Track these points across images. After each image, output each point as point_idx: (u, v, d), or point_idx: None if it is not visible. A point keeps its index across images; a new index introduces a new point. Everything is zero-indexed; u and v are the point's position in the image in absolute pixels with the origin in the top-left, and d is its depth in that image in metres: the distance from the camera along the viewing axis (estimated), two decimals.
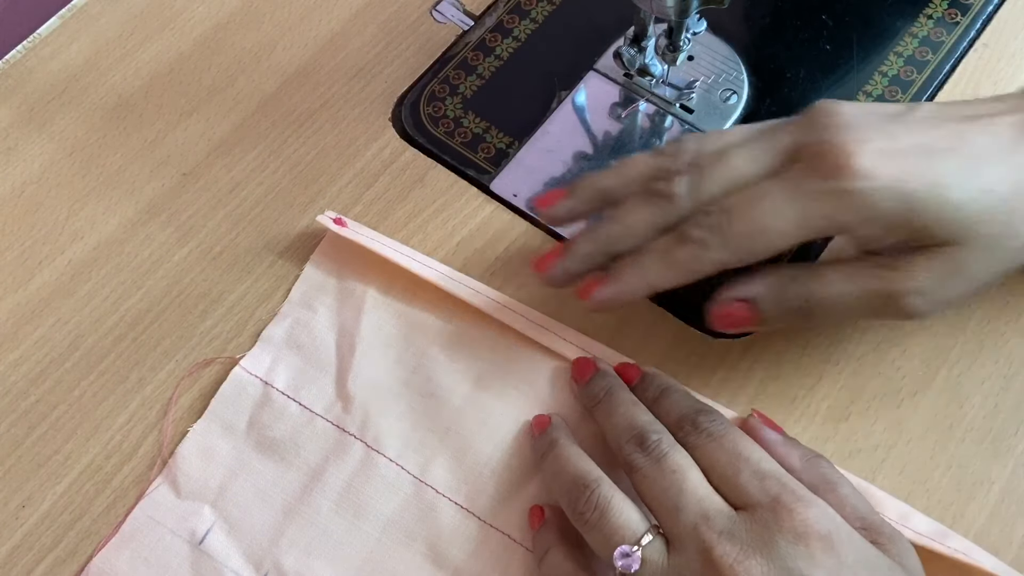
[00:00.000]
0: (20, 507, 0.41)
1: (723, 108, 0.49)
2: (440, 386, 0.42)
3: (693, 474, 0.35)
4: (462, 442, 0.41)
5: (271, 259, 0.47)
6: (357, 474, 0.41)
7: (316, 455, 0.41)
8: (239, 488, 0.41)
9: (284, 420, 0.42)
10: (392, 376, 0.42)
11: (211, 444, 0.42)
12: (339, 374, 0.43)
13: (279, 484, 0.41)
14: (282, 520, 0.40)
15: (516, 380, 0.42)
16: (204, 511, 0.41)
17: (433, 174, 0.49)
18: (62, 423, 0.43)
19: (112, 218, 0.48)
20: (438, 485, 0.40)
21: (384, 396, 0.42)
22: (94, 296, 0.46)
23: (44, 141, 0.51)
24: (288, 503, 0.40)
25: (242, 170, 0.49)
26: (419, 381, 0.42)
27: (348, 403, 0.42)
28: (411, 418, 0.41)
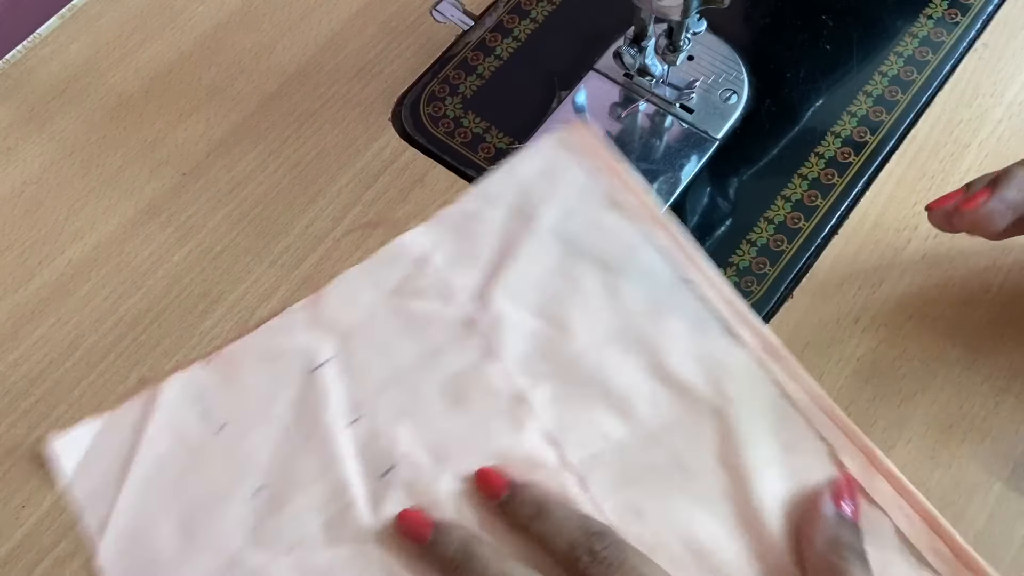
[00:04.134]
0: (20, 507, 0.41)
1: (723, 108, 0.49)
2: (572, 322, 0.43)
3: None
4: (571, 384, 0.41)
5: (271, 259, 0.47)
6: (469, 369, 0.42)
7: (440, 336, 0.43)
8: (365, 337, 0.43)
9: (425, 296, 0.44)
10: (533, 296, 0.43)
11: (356, 290, 0.44)
12: (490, 275, 0.44)
13: (400, 348, 0.43)
14: (390, 380, 0.42)
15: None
16: (327, 344, 0.43)
17: (433, 174, 0.49)
18: (62, 423, 0.43)
19: (112, 218, 0.48)
20: (535, 406, 0.41)
21: (520, 310, 0.43)
22: (94, 296, 0.46)
23: (44, 141, 0.51)
24: (401, 367, 0.42)
25: (242, 170, 0.49)
26: (555, 309, 0.43)
27: (487, 304, 0.43)
28: (535, 341, 0.42)
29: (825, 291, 0.44)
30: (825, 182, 0.47)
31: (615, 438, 0.40)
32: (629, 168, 0.46)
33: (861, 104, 0.49)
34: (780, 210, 0.46)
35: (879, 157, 0.47)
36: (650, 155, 0.48)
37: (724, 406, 0.40)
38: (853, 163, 0.47)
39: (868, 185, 0.47)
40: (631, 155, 0.48)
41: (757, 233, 0.46)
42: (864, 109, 0.48)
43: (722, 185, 0.48)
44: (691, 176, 0.48)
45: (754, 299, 0.44)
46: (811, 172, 0.47)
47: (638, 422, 0.40)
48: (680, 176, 0.48)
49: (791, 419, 0.40)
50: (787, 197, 0.46)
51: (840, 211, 0.46)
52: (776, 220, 0.46)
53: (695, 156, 0.48)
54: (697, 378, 0.41)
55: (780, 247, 0.45)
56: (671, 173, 0.48)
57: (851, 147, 0.48)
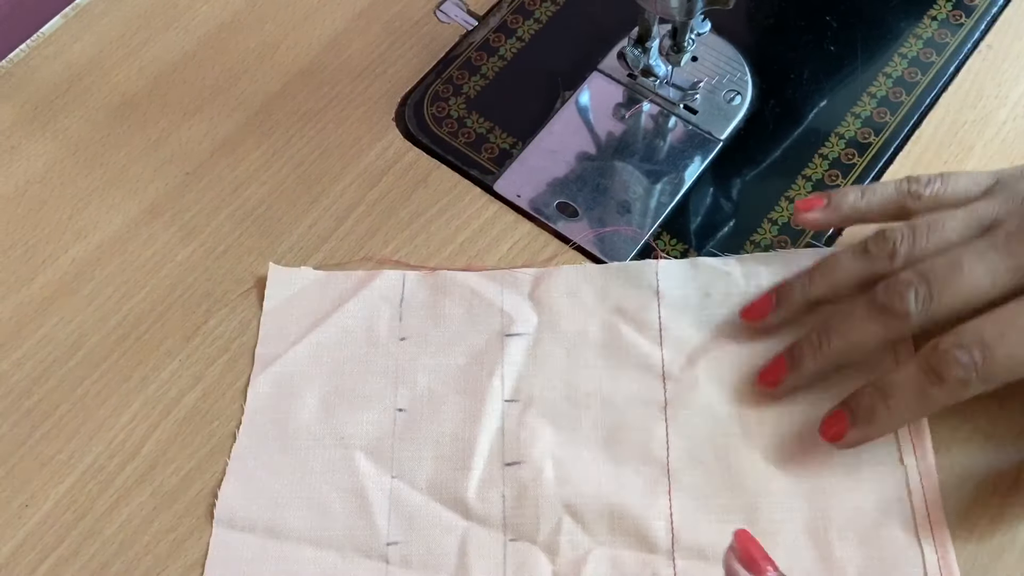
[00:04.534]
0: (23, 506, 0.41)
1: (727, 109, 0.49)
2: (753, 437, 0.41)
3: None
4: (721, 494, 0.39)
5: (274, 258, 0.47)
6: (636, 420, 0.41)
7: (630, 374, 0.42)
8: (564, 332, 0.43)
9: (641, 330, 0.43)
10: (727, 393, 0.41)
11: (583, 287, 0.44)
12: (709, 346, 0.42)
13: (586, 361, 0.42)
14: (561, 384, 0.42)
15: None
16: (530, 320, 0.43)
17: (436, 174, 0.49)
18: (65, 422, 0.43)
19: (115, 217, 0.48)
20: (676, 491, 0.39)
21: (715, 394, 0.41)
22: (97, 295, 0.46)
23: (47, 140, 0.51)
24: (576, 379, 0.42)
25: (245, 169, 0.49)
26: (744, 413, 0.41)
27: (689, 370, 0.42)
28: (708, 434, 0.40)
29: None
30: (829, 183, 0.47)
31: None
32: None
33: (865, 105, 0.49)
34: (784, 211, 0.46)
35: (883, 158, 0.47)
36: (653, 156, 0.48)
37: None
38: (857, 164, 0.47)
39: None
40: (634, 156, 0.48)
41: (761, 234, 0.46)
42: (868, 110, 0.48)
43: (726, 186, 0.47)
44: (695, 177, 0.48)
45: None
46: (815, 173, 0.47)
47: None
48: (684, 177, 0.48)
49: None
50: (791, 198, 0.46)
51: None
52: (780, 221, 0.46)
53: (699, 157, 0.48)
54: (848, 557, 0.38)
55: (784, 248, 0.45)
56: (675, 174, 0.48)
57: (855, 148, 0.48)
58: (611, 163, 0.48)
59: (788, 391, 0.40)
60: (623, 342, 0.42)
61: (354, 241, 0.47)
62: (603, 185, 0.48)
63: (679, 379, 0.41)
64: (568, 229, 0.46)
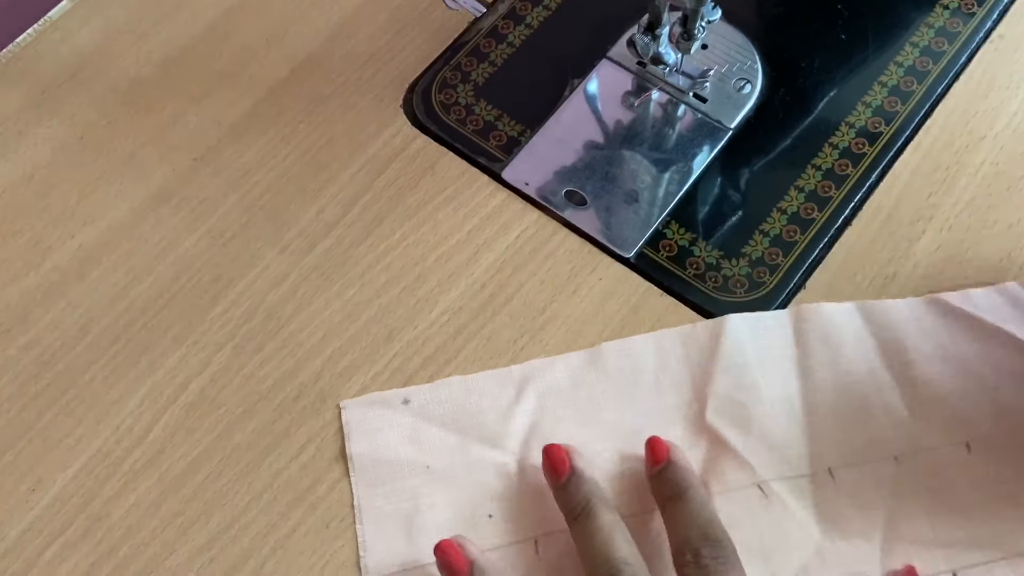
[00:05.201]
0: (30, 491, 0.42)
1: (737, 98, 0.49)
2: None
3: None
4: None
5: (282, 245, 0.47)
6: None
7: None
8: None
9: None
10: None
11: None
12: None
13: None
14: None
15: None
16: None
17: (444, 162, 0.48)
18: (72, 407, 0.43)
19: (123, 203, 0.48)
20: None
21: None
22: (104, 281, 0.46)
23: (55, 125, 0.51)
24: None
25: (253, 156, 0.49)
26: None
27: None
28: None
29: (838, 282, 0.44)
30: (839, 173, 0.46)
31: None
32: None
33: (876, 95, 0.48)
34: (793, 201, 0.46)
35: (893, 148, 0.47)
36: (662, 145, 0.48)
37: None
38: (867, 154, 0.47)
39: (882, 176, 0.46)
40: (643, 144, 0.48)
41: (770, 224, 0.45)
42: (879, 100, 0.48)
43: (735, 175, 0.47)
44: (703, 166, 0.47)
45: (766, 290, 0.44)
46: (825, 163, 0.47)
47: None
48: (692, 166, 0.47)
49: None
50: (800, 188, 0.46)
51: (854, 202, 0.46)
52: (789, 211, 0.46)
53: (708, 146, 0.48)
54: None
55: (793, 238, 0.45)
56: (683, 163, 0.47)
57: (865, 138, 0.47)
58: (619, 152, 0.48)
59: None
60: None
61: (361, 228, 0.47)
62: (611, 174, 0.47)
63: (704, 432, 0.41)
64: (576, 217, 0.46)
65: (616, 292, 0.44)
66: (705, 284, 0.44)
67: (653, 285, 0.45)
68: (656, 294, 0.44)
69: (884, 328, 0.42)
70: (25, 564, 0.40)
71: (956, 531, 0.38)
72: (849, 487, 0.39)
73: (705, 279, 0.44)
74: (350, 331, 0.44)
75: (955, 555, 0.38)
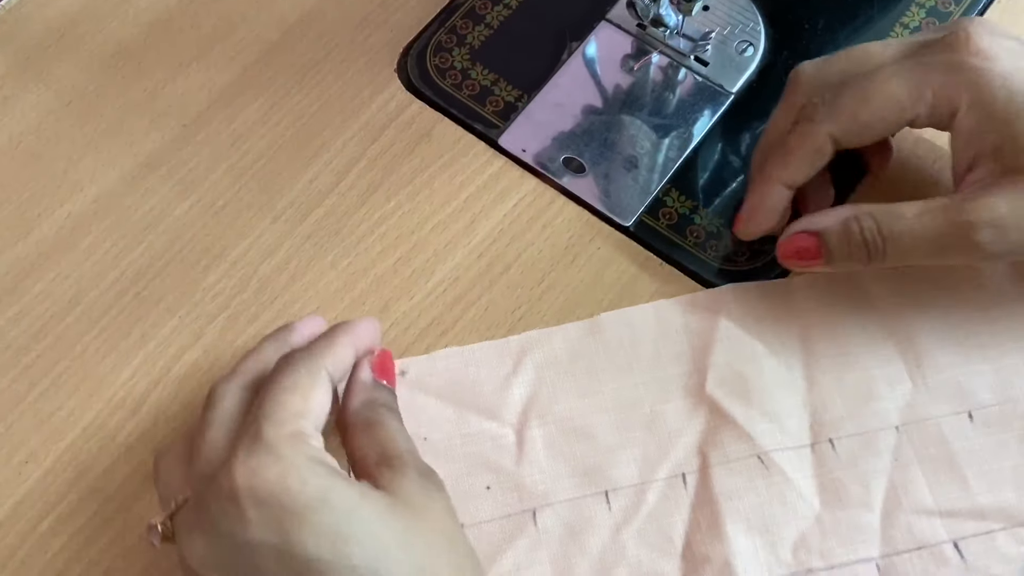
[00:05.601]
0: (23, 463, 0.41)
1: (739, 60, 0.48)
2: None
3: (209, 431, 0.33)
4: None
5: (274, 214, 0.46)
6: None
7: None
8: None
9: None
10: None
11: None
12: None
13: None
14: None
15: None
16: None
17: (440, 128, 0.47)
18: (64, 379, 0.43)
19: (111, 170, 0.47)
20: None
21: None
22: (95, 250, 0.46)
23: (41, 90, 0.50)
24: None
25: (244, 122, 0.48)
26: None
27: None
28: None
29: None
30: None
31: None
32: None
33: None
34: None
35: None
36: (662, 109, 0.47)
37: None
38: None
39: None
40: (643, 110, 0.47)
41: None
42: None
43: (736, 141, 0.46)
44: (704, 131, 0.46)
45: (768, 258, 0.43)
46: None
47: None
48: (693, 131, 0.46)
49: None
50: None
51: (858, 168, 0.45)
52: None
53: (709, 110, 0.47)
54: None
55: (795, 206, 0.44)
56: (684, 128, 0.47)
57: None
58: (619, 117, 0.47)
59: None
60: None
61: (356, 197, 0.46)
62: (610, 140, 0.47)
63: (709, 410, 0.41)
64: (574, 185, 0.45)
65: (615, 261, 0.44)
66: (706, 253, 0.44)
67: (652, 254, 0.44)
68: (656, 263, 0.44)
69: (883, 298, 0.41)
70: (19, 537, 0.40)
71: (957, 501, 0.38)
72: (850, 457, 0.39)
73: (706, 248, 0.44)
74: (345, 302, 0.44)
75: (956, 524, 0.38)
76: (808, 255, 0.38)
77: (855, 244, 0.37)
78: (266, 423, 0.31)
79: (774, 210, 0.40)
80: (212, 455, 0.32)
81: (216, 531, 0.30)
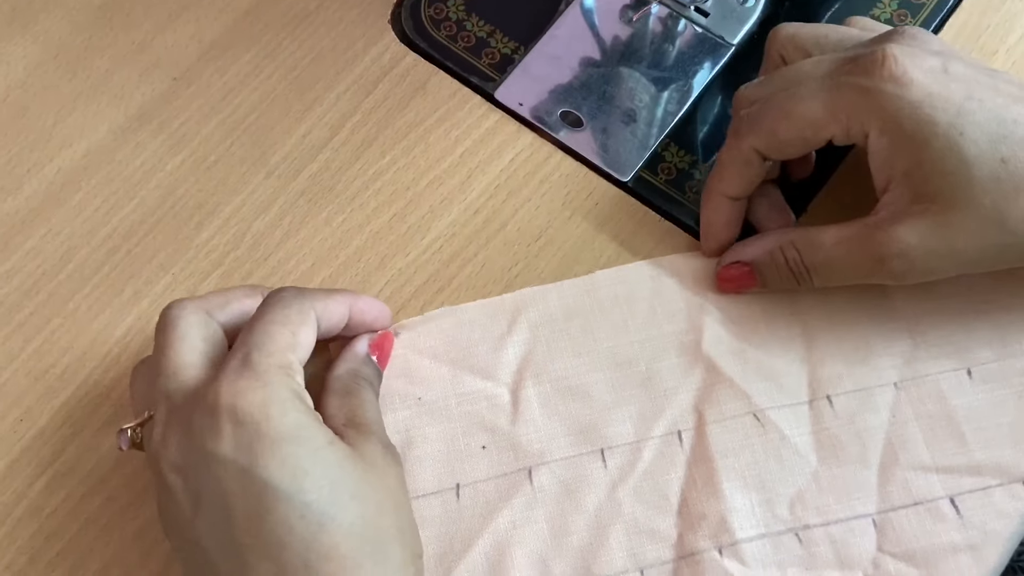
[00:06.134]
0: (18, 420, 0.41)
1: (740, 12, 0.47)
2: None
3: (173, 349, 0.34)
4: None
5: (267, 169, 0.45)
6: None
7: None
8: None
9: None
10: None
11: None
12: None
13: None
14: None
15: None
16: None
17: (435, 81, 0.47)
18: (58, 337, 0.42)
19: (101, 125, 0.47)
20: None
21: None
22: (86, 206, 0.45)
23: (27, 43, 0.49)
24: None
25: (235, 75, 0.47)
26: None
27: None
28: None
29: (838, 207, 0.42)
30: None
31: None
32: None
33: (884, 7, 0.46)
34: None
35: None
36: (662, 62, 0.46)
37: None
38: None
39: None
40: (642, 62, 0.46)
41: None
42: (888, 13, 0.46)
43: None
44: (704, 84, 0.46)
45: None
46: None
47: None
48: (692, 84, 0.46)
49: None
50: None
51: None
52: None
53: (709, 63, 0.46)
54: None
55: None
56: (683, 81, 0.46)
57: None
58: (617, 70, 0.46)
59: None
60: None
61: (350, 152, 0.45)
62: (608, 93, 0.46)
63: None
64: (572, 139, 0.45)
65: (613, 217, 0.43)
66: None
67: (651, 210, 0.43)
68: (654, 219, 0.43)
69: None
70: (15, 495, 0.40)
71: (954, 457, 0.38)
72: (847, 414, 0.39)
73: None
74: (340, 258, 0.43)
75: (953, 481, 0.38)
76: (744, 282, 0.40)
77: (783, 273, 0.38)
78: (255, 351, 0.33)
79: (728, 224, 0.40)
80: (184, 372, 0.33)
81: (188, 438, 0.32)
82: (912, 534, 0.37)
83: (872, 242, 0.36)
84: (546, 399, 0.39)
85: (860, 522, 0.37)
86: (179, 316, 0.35)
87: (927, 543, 0.37)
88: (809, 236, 0.38)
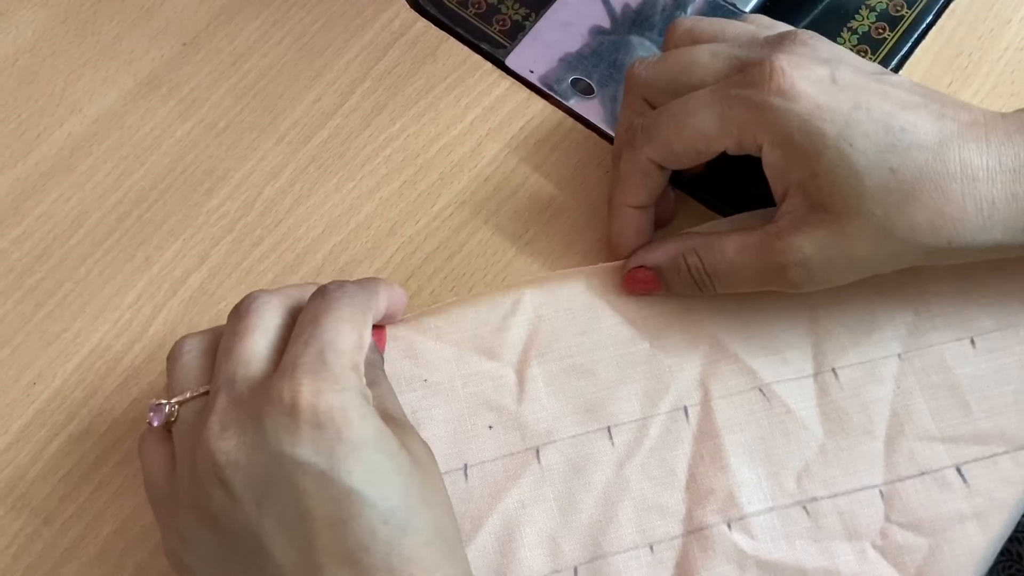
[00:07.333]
0: (31, 384, 0.41)
1: None
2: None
3: (252, 338, 0.33)
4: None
5: (277, 136, 0.45)
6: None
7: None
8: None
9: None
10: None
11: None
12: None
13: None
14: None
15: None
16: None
17: (446, 47, 0.46)
18: (69, 301, 0.43)
19: (111, 90, 0.46)
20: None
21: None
22: (96, 172, 0.45)
23: (36, 7, 0.48)
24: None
25: (245, 40, 0.47)
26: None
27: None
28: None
29: None
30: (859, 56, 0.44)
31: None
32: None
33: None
34: None
35: (915, 33, 0.45)
36: None
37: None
38: (887, 39, 0.45)
39: (903, 63, 0.44)
40: (653, 30, 0.46)
41: None
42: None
43: None
44: None
45: None
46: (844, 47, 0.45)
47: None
48: None
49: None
50: None
51: None
52: None
53: None
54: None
55: None
56: None
57: (886, 22, 0.45)
58: (627, 37, 0.46)
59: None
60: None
61: (360, 119, 0.45)
62: (619, 61, 0.45)
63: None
64: (582, 107, 0.45)
65: None
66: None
67: None
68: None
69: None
70: (30, 457, 0.40)
71: (960, 426, 0.38)
72: (852, 386, 0.39)
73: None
74: (351, 225, 0.43)
75: (958, 450, 0.38)
76: (650, 286, 0.40)
77: (685, 280, 0.38)
78: (329, 351, 0.32)
79: (636, 232, 0.40)
80: (255, 363, 0.33)
81: (257, 436, 0.31)
82: (919, 504, 0.37)
83: (772, 251, 0.36)
84: (552, 378, 0.40)
85: (867, 493, 0.37)
86: (263, 305, 0.34)
87: (934, 512, 0.37)
88: (711, 243, 0.38)
